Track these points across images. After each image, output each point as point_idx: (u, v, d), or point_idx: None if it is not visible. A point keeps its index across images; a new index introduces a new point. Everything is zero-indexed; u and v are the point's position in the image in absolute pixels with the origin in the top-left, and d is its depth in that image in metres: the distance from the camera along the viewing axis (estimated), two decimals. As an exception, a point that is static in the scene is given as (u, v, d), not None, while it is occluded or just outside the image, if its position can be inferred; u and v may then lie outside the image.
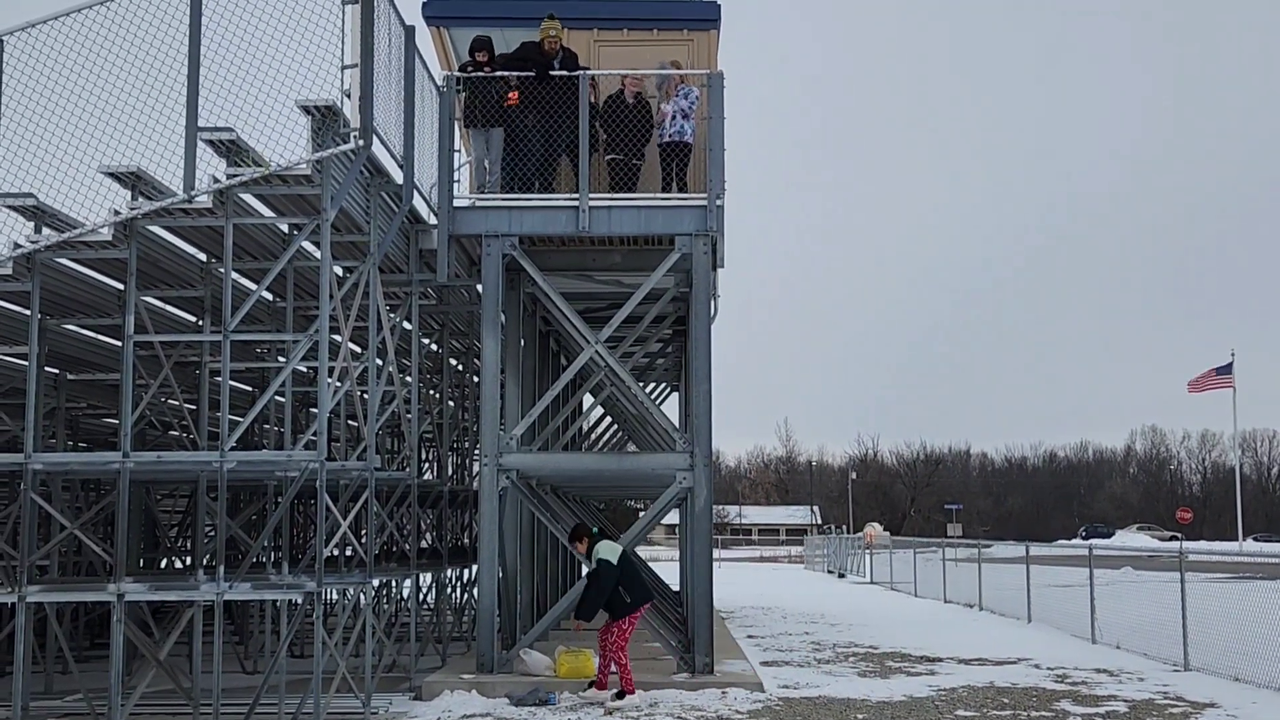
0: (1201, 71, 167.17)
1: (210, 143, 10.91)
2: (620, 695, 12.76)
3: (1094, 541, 53.37)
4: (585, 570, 13.49)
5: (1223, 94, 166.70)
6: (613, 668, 13.01)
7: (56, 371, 15.01)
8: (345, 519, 12.38)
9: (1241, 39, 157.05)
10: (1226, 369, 62.17)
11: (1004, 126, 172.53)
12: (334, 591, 15.60)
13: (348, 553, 13.90)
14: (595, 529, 13.91)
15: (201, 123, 10.82)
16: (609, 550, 13.09)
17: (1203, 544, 71.55)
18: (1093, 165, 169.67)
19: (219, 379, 11.38)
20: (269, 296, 14.43)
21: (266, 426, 15.84)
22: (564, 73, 14.78)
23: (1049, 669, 15.82)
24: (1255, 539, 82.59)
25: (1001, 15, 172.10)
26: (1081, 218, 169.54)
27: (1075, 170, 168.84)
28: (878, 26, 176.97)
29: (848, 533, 65.51)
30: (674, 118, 14.86)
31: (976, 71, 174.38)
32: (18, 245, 10.90)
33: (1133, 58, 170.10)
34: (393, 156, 12.88)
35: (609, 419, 28.95)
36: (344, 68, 11.25)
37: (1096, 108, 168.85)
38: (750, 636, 20.80)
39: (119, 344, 13.46)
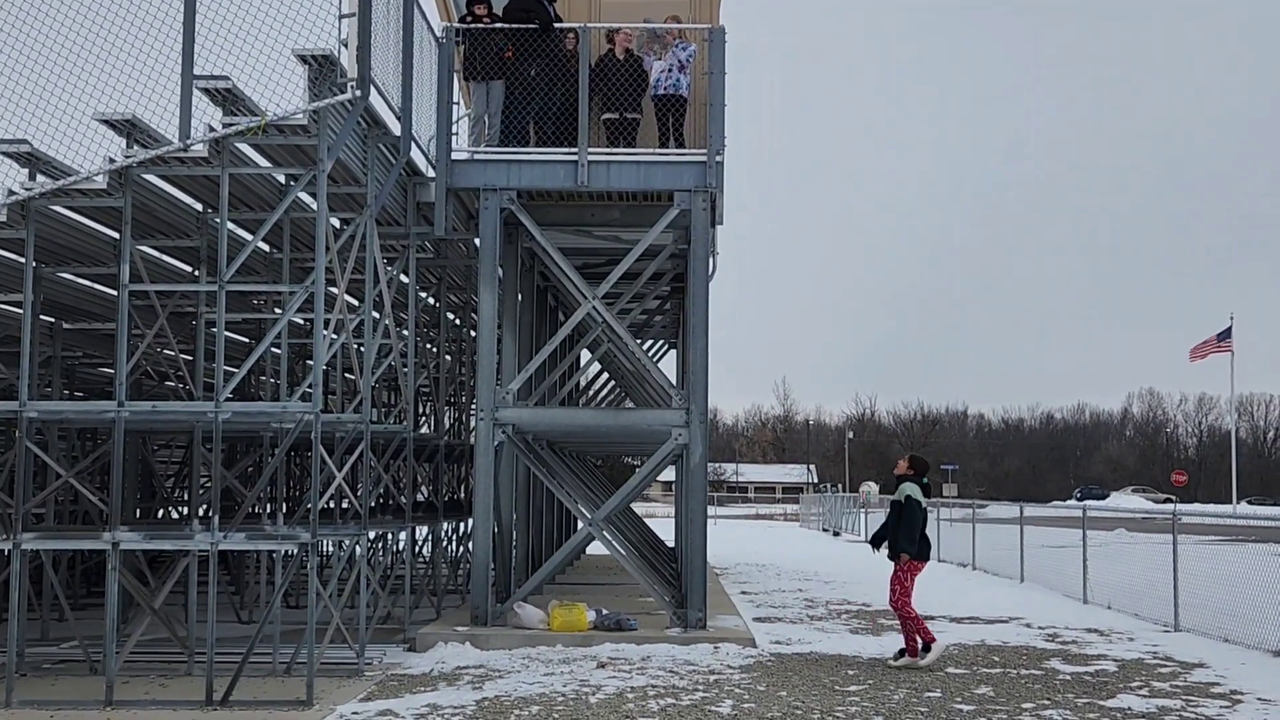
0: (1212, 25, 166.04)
1: (206, 91, 10.82)
2: (926, 649, 12.55)
3: (1088, 503, 53.55)
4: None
5: (1229, 62, 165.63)
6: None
7: (52, 320, 14.99)
8: (340, 471, 12.41)
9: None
10: (1226, 334, 62.00)
11: (1004, 82, 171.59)
12: (329, 543, 15.66)
13: (343, 505, 13.94)
14: (914, 471, 12.92)
15: (198, 71, 10.73)
16: (915, 491, 12.68)
17: (1196, 506, 71.78)
18: (1094, 124, 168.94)
19: (215, 330, 11.34)
20: (265, 247, 14.39)
21: (263, 378, 15.86)
22: (567, 25, 14.63)
23: (1040, 628, 15.92)
24: (1249, 502, 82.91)
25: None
26: (1080, 177, 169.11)
27: (1073, 129, 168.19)
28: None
29: (844, 491, 65.72)
30: (670, 71, 14.75)
31: (975, 14, 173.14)
32: (12, 192, 10.85)
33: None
34: (390, 108, 12.79)
35: (606, 375, 28.99)
36: (341, 16, 11.14)
37: (1105, 65, 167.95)
38: (744, 593, 20.92)
39: (114, 293, 13.43)
